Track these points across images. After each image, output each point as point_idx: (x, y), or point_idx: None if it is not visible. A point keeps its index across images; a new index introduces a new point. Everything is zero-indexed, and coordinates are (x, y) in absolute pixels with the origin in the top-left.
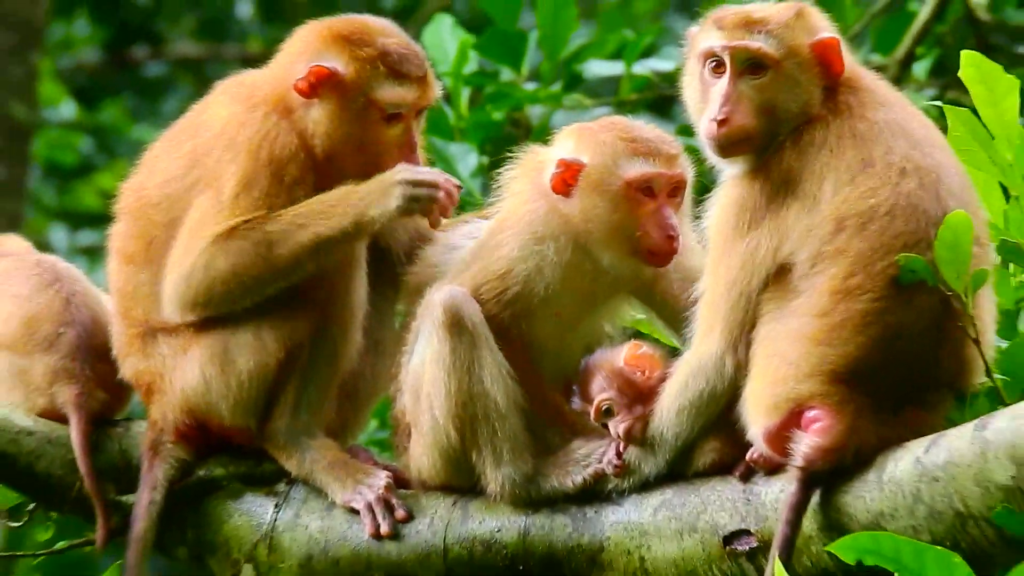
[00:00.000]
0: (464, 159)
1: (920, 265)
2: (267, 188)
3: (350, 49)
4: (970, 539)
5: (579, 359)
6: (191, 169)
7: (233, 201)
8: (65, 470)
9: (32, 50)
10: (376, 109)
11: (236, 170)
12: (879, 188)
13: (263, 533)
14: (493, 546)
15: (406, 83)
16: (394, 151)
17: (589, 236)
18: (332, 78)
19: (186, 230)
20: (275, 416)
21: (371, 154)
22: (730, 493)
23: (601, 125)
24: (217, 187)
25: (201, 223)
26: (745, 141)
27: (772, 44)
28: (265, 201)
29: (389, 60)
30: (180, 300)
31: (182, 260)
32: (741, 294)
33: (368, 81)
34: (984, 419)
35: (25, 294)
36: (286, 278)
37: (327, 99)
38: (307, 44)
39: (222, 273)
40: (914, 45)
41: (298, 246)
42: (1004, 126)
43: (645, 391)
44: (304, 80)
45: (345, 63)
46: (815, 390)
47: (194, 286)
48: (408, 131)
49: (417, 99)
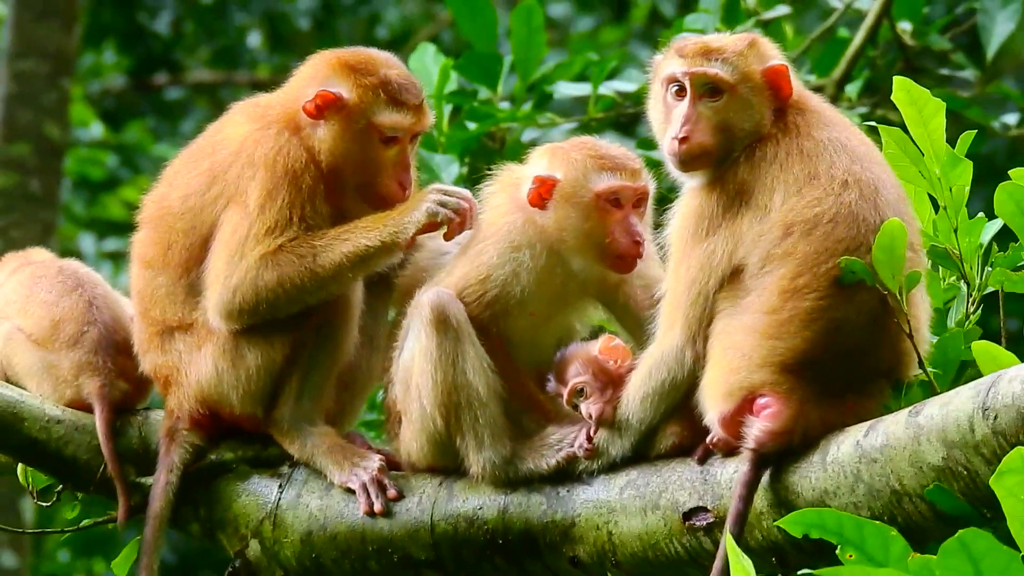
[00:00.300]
0: (447, 169)
1: (859, 267)
2: (288, 197)
3: (355, 77)
4: (905, 514)
5: (551, 353)
6: (212, 185)
7: (260, 211)
8: (90, 455)
9: (64, 77)
10: (375, 132)
11: (257, 184)
12: (823, 198)
13: (268, 511)
14: (475, 522)
15: (403, 110)
16: (390, 170)
17: (563, 244)
18: (337, 102)
19: (223, 246)
20: (280, 405)
21: (369, 171)
22: (689, 473)
23: (572, 144)
24: (243, 201)
25: (237, 239)
26: (703, 157)
27: (728, 70)
28: (289, 209)
29: (389, 89)
30: (226, 310)
31: (228, 273)
32: (700, 293)
33: (369, 106)
34: (917, 406)
35: (52, 299)
36: (328, 290)
37: (332, 121)
38: (317, 70)
39: (269, 284)
40: (849, 67)
41: (341, 256)
42: (932, 144)
43: (616, 377)
44: (312, 103)
45: (349, 89)
46: (766, 379)
47: (240, 297)
48: (403, 153)
49: (412, 125)
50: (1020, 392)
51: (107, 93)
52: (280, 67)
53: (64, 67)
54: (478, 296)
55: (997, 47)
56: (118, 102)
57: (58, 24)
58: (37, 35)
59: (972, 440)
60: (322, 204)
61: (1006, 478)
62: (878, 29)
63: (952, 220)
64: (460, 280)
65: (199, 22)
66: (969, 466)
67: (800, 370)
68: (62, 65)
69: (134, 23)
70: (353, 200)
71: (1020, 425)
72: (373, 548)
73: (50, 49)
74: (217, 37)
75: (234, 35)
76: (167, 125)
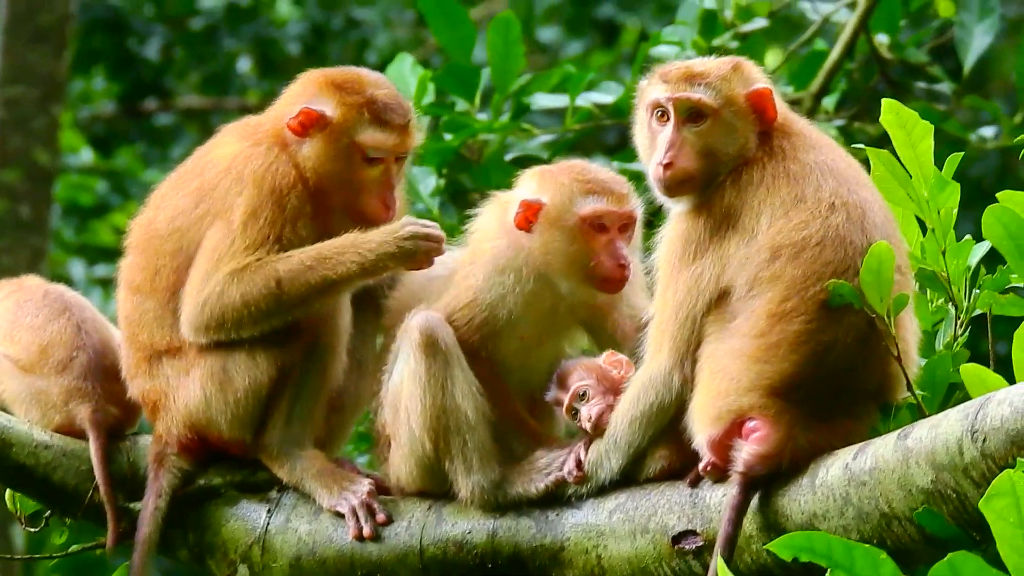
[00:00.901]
0: (424, 181)
1: (847, 290)
2: (271, 216)
3: (340, 95)
4: (895, 537)
5: (542, 377)
6: (199, 203)
7: (242, 229)
8: (79, 480)
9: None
10: (358, 151)
11: (243, 201)
12: (810, 221)
13: (257, 536)
14: (465, 546)
15: (387, 130)
16: (373, 189)
17: (549, 267)
18: (320, 120)
19: (202, 259)
20: (268, 429)
21: (353, 190)
22: (678, 497)
23: (559, 168)
24: (227, 218)
25: (217, 253)
26: (688, 182)
27: (711, 95)
28: (269, 228)
29: (374, 108)
30: (194, 323)
31: (200, 287)
32: (687, 316)
33: (353, 125)
34: (906, 429)
35: (39, 323)
36: (293, 312)
37: (316, 138)
38: (305, 88)
39: (233, 302)
40: (827, 80)
41: (306, 286)
42: (920, 166)
43: (618, 385)
44: (295, 119)
45: (333, 107)
46: (754, 403)
47: (208, 312)
48: (387, 173)
49: (396, 146)
50: (1009, 415)
51: (97, 119)
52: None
53: (54, 93)
54: (467, 320)
55: (974, 60)
56: (108, 128)
57: (48, 50)
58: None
59: (961, 463)
60: (305, 226)
61: (995, 501)
62: (855, 42)
63: (940, 242)
64: (449, 304)
65: (189, 48)
66: (958, 489)
67: (788, 393)
68: (52, 91)
69: (124, 49)
70: (340, 219)
71: (1009, 448)
72: (362, 573)
73: (40, 75)
74: (207, 63)
75: (224, 61)
76: (157, 151)
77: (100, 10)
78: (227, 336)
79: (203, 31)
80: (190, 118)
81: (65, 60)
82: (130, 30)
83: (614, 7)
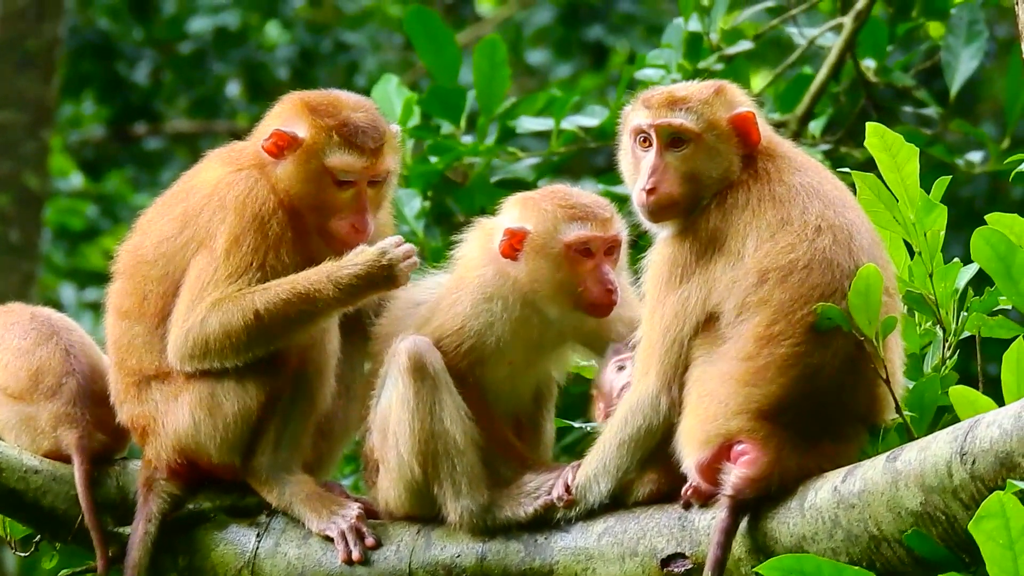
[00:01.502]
0: (409, 203)
1: (836, 313)
2: (254, 243)
3: (312, 118)
4: (884, 559)
5: (528, 402)
6: (184, 229)
7: (225, 257)
8: (68, 505)
9: (44, 127)
10: (328, 174)
11: (226, 228)
12: (797, 244)
13: (246, 560)
14: (454, 570)
15: (356, 153)
16: (345, 213)
17: (536, 294)
18: (293, 142)
19: (187, 288)
20: (257, 454)
21: (324, 213)
22: (667, 520)
23: (542, 194)
24: (210, 246)
25: (201, 282)
26: (672, 207)
27: (692, 119)
28: (252, 255)
29: (344, 131)
30: (179, 352)
31: (185, 316)
32: (675, 340)
33: (322, 148)
34: (895, 451)
35: (27, 347)
36: (276, 343)
37: (289, 160)
38: (283, 110)
39: (215, 332)
40: (812, 103)
41: (285, 318)
42: (906, 189)
43: None
44: (269, 140)
45: (305, 129)
46: (743, 426)
47: (191, 341)
48: (359, 197)
49: (364, 169)
50: (998, 436)
51: (87, 143)
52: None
53: (44, 118)
54: (455, 346)
55: (960, 84)
56: (97, 152)
57: (37, 75)
58: (16, 86)
59: (950, 485)
60: (288, 252)
61: (984, 523)
62: (842, 65)
63: (928, 265)
64: (436, 330)
65: (178, 72)
66: (947, 511)
67: (777, 416)
68: (42, 116)
69: (113, 73)
70: (318, 244)
71: (998, 469)
72: None
73: (29, 100)
74: (196, 87)
75: (213, 85)
76: (147, 175)
77: (89, 35)
78: (212, 365)
79: (192, 55)
80: (179, 142)
81: (54, 85)
82: (119, 54)
83: (603, 30)
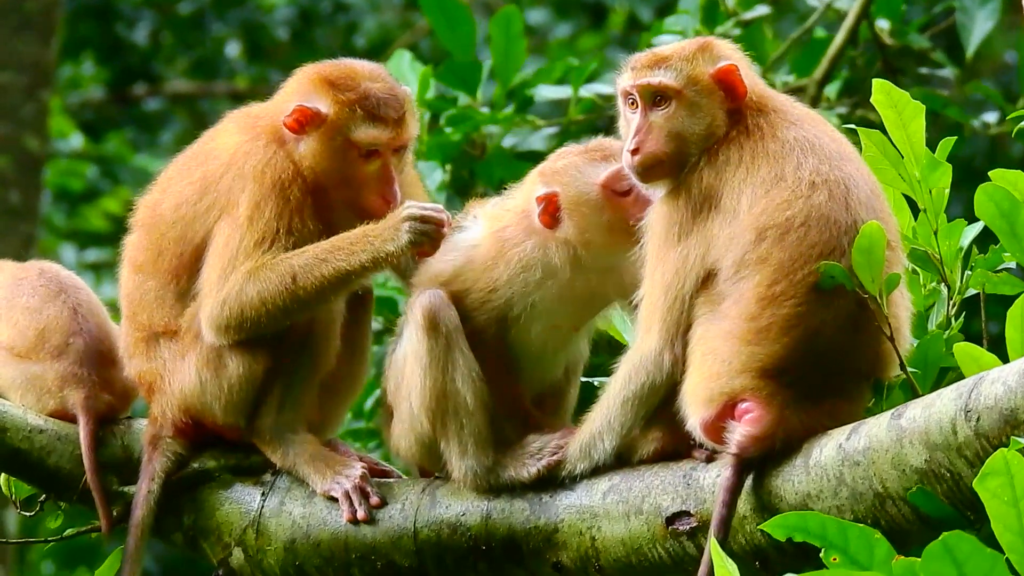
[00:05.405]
0: (430, 176)
1: (839, 271)
2: (276, 208)
3: (333, 92)
4: (889, 517)
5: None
6: (203, 195)
7: (249, 225)
8: (73, 464)
9: (44, 89)
10: (354, 147)
11: (246, 196)
12: (792, 201)
13: (251, 519)
14: (459, 529)
15: (381, 125)
16: (372, 184)
17: (589, 246)
18: (316, 118)
19: (216, 258)
20: (262, 414)
21: (352, 186)
22: (671, 478)
23: (554, 158)
24: (233, 214)
25: (230, 251)
26: (658, 166)
27: (671, 76)
28: (277, 221)
29: (367, 104)
30: (215, 323)
31: (218, 287)
32: (676, 297)
33: (347, 122)
34: (899, 408)
35: (35, 305)
36: (310, 307)
37: (312, 136)
38: (300, 85)
39: (252, 300)
40: (829, 67)
41: (321, 279)
42: (911, 146)
43: None
44: (291, 118)
45: (328, 104)
46: (746, 385)
47: (228, 311)
48: (386, 167)
49: (391, 139)
50: (1002, 394)
51: (86, 105)
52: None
53: (43, 79)
54: (480, 303)
55: (976, 46)
56: (97, 114)
57: (36, 37)
58: (15, 48)
59: (955, 442)
60: (310, 218)
61: (989, 480)
62: (858, 29)
63: (932, 223)
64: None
65: (177, 33)
66: (952, 468)
67: (780, 375)
68: (41, 77)
69: (112, 35)
70: (342, 214)
71: (1002, 427)
72: (356, 555)
73: (28, 62)
74: (195, 48)
75: (212, 46)
76: (146, 136)
77: None
78: (247, 335)
79: (191, 16)
80: (179, 103)
81: (53, 47)
82: (118, 16)
83: None
